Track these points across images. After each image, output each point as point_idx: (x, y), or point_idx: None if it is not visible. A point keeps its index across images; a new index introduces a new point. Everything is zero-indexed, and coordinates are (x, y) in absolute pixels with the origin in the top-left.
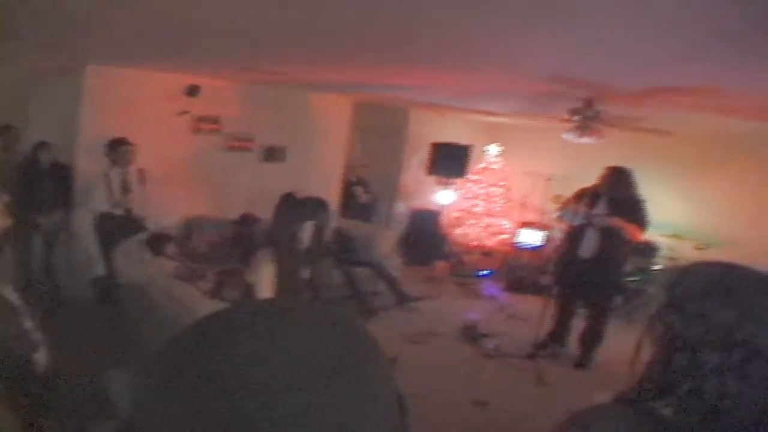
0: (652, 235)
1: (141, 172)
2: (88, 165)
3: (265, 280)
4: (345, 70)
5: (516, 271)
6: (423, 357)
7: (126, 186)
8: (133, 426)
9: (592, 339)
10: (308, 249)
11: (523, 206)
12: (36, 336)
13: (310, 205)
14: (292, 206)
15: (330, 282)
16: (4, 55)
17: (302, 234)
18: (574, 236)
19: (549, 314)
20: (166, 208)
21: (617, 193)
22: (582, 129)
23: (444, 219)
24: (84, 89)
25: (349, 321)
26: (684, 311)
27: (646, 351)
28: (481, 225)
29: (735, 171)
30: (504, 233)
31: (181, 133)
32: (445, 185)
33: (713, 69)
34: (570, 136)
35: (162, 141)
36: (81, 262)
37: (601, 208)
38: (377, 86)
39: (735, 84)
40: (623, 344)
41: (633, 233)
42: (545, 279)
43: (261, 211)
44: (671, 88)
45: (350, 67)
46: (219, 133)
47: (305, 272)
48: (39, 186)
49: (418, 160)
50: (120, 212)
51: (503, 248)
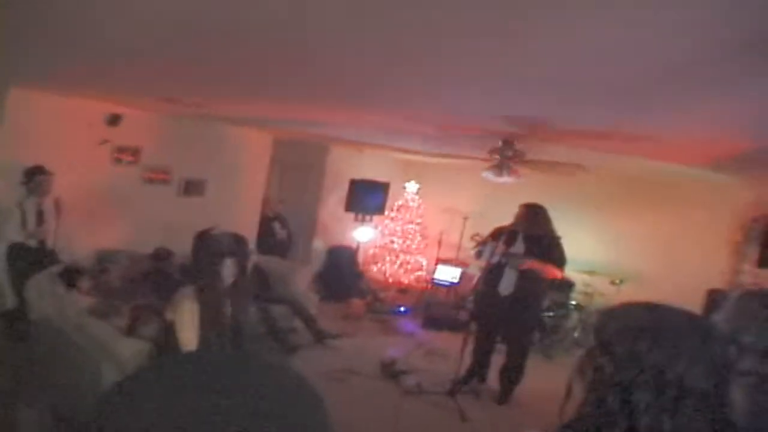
0: (569, 271)
1: (57, 202)
2: (2, 192)
3: (187, 318)
4: (265, 105)
5: (433, 308)
6: (343, 395)
7: (41, 216)
8: None
9: (513, 375)
10: (230, 286)
11: (440, 243)
12: None
13: (230, 242)
14: (212, 243)
15: (247, 319)
16: None
17: (224, 270)
18: (493, 273)
19: (468, 350)
20: (81, 240)
21: (533, 231)
22: (501, 168)
23: (361, 256)
24: (3, 113)
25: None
26: (614, 353)
27: (576, 392)
28: (398, 262)
29: (647, 210)
30: (420, 270)
31: (100, 163)
32: (363, 222)
33: (635, 114)
34: (489, 175)
35: (80, 170)
36: None
37: (519, 246)
38: (297, 122)
39: (651, 129)
40: (543, 379)
41: (551, 272)
42: (462, 315)
43: (177, 246)
44: (587, 131)
45: (271, 103)
46: (138, 165)
47: (227, 309)
48: None
49: (337, 197)
50: (33, 243)
51: (420, 285)
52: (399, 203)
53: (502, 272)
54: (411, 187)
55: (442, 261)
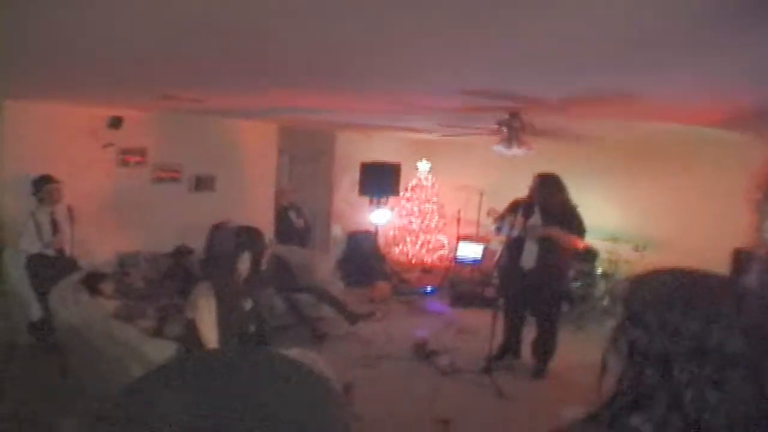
0: (592, 240)
1: (70, 210)
2: (14, 204)
3: (206, 315)
4: (266, 96)
5: (459, 286)
6: (378, 380)
7: (55, 225)
8: None
9: (545, 349)
10: (247, 279)
11: (459, 221)
12: None
13: (245, 235)
14: (227, 237)
15: (272, 311)
16: None
17: (240, 265)
18: (514, 248)
19: (499, 326)
20: (99, 246)
21: (549, 201)
22: (511, 141)
23: (381, 239)
24: (2, 125)
25: (301, 371)
26: (647, 324)
27: (613, 365)
28: (419, 242)
29: (664, 174)
30: (442, 249)
31: (107, 167)
32: (378, 205)
33: (631, 77)
34: (500, 149)
35: (88, 176)
36: (15, 307)
37: (537, 218)
38: (301, 110)
39: (653, 91)
40: (576, 350)
41: (572, 242)
42: (489, 292)
43: (195, 242)
44: (592, 97)
45: (271, 93)
46: (146, 165)
47: (247, 303)
48: None
49: (349, 182)
50: (52, 253)
51: (443, 264)
52: (413, 183)
53: (523, 246)
54: (423, 167)
55: (463, 238)
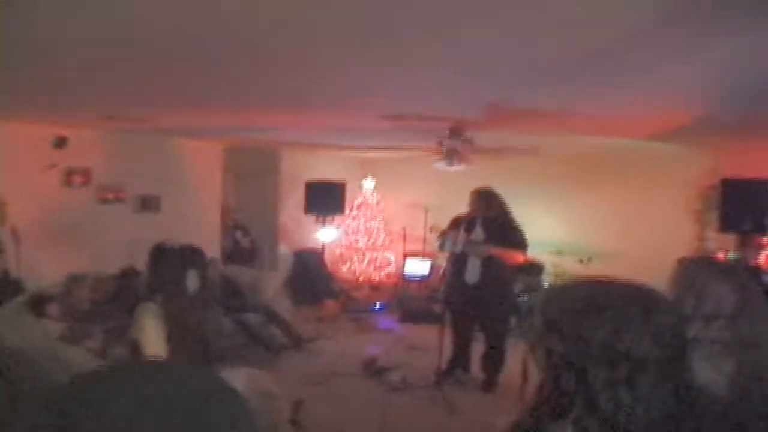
0: (537, 254)
1: (13, 230)
2: None
3: (151, 335)
4: (210, 115)
5: (407, 302)
6: (328, 397)
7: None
8: None
9: (494, 362)
10: (193, 298)
11: (405, 238)
12: None
13: (189, 253)
14: (172, 256)
15: (220, 330)
16: None
17: (188, 283)
18: (458, 263)
19: (447, 342)
20: (45, 267)
21: (489, 214)
22: (451, 157)
23: (328, 257)
24: None
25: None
26: (562, 332)
27: (533, 375)
28: (366, 260)
29: (608, 186)
30: (389, 266)
31: (52, 188)
32: (324, 223)
33: (568, 92)
34: (441, 165)
35: (32, 196)
36: None
37: (478, 232)
38: (245, 129)
39: (590, 105)
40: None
41: (513, 257)
42: (437, 307)
43: (141, 263)
44: (531, 112)
45: (215, 113)
46: (90, 185)
47: (193, 322)
48: None
49: (295, 200)
50: None
51: (391, 281)
52: (358, 201)
53: (467, 261)
54: (368, 184)
55: (410, 255)
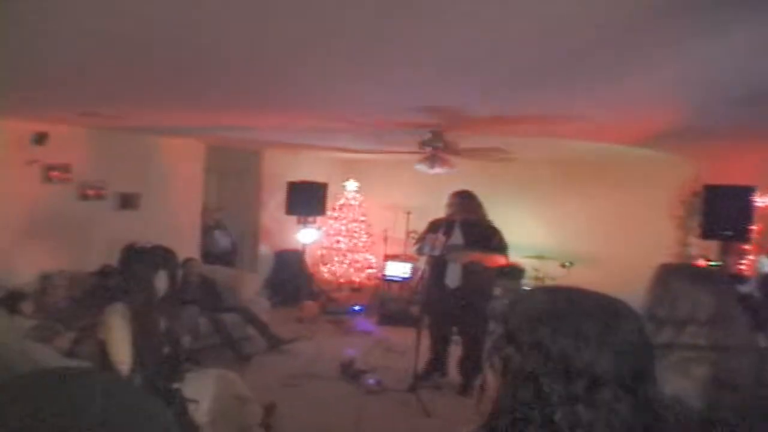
0: (518, 258)
1: None
2: None
3: (118, 335)
4: (190, 114)
5: (387, 305)
6: (303, 399)
7: None
8: None
9: (472, 366)
10: (163, 299)
11: (386, 240)
12: None
13: (160, 253)
14: (141, 256)
15: (197, 330)
16: None
17: (157, 283)
18: (438, 267)
19: (425, 345)
20: (22, 264)
21: (467, 217)
22: (432, 159)
23: (308, 258)
24: None
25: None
26: (519, 342)
27: (491, 384)
28: (347, 261)
29: (590, 191)
30: (371, 267)
31: (31, 184)
32: (306, 224)
33: (551, 96)
34: (422, 167)
35: (11, 192)
36: None
37: (457, 236)
38: (225, 128)
39: (571, 109)
40: None
41: (494, 261)
42: (416, 310)
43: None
44: (515, 116)
45: (194, 111)
46: (70, 182)
47: (162, 323)
48: None
49: (276, 201)
50: None
51: (371, 282)
52: (340, 203)
53: (446, 264)
54: (350, 186)
55: (391, 257)
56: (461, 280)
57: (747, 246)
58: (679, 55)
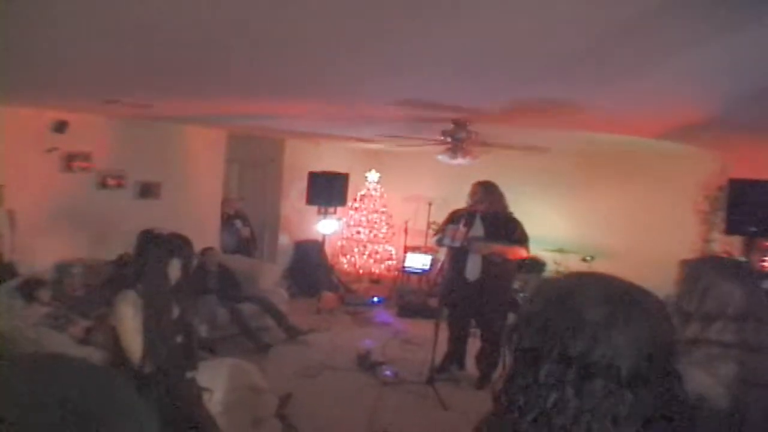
0: (539, 251)
1: (10, 214)
2: None
3: (129, 323)
4: (212, 102)
5: (406, 296)
6: (319, 390)
7: None
8: None
9: (489, 360)
10: (176, 287)
11: (407, 231)
12: None
13: (174, 242)
14: (156, 244)
15: (215, 320)
16: None
17: (170, 271)
18: (458, 258)
19: (443, 337)
20: (40, 251)
21: (489, 209)
22: (455, 150)
23: (328, 248)
24: None
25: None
26: (530, 324)
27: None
28: (367, 252)
29: (613, 185)
30: (390, 259)
31: (52, 172)
32: (326, 214)
33: (575, 88)
34: (444, 158)
35: (31, 181)
36: None
37: (478, 227)
38: (247, 117)
39: (597, 101)
40: None
41: (515, 254)
42: (433, 302)
43: None
44: (537, 107)
45: (217, 99)
46: (91, 170)
47: (175, 312)
48: None
49: (297, 191)
50: None
51: (391, 274)
52: (361, 193)
53: (467, 256)
54: (372, 177)
55: (411, 249)
56: (481, 273)
57: None
58: (706, 46)
